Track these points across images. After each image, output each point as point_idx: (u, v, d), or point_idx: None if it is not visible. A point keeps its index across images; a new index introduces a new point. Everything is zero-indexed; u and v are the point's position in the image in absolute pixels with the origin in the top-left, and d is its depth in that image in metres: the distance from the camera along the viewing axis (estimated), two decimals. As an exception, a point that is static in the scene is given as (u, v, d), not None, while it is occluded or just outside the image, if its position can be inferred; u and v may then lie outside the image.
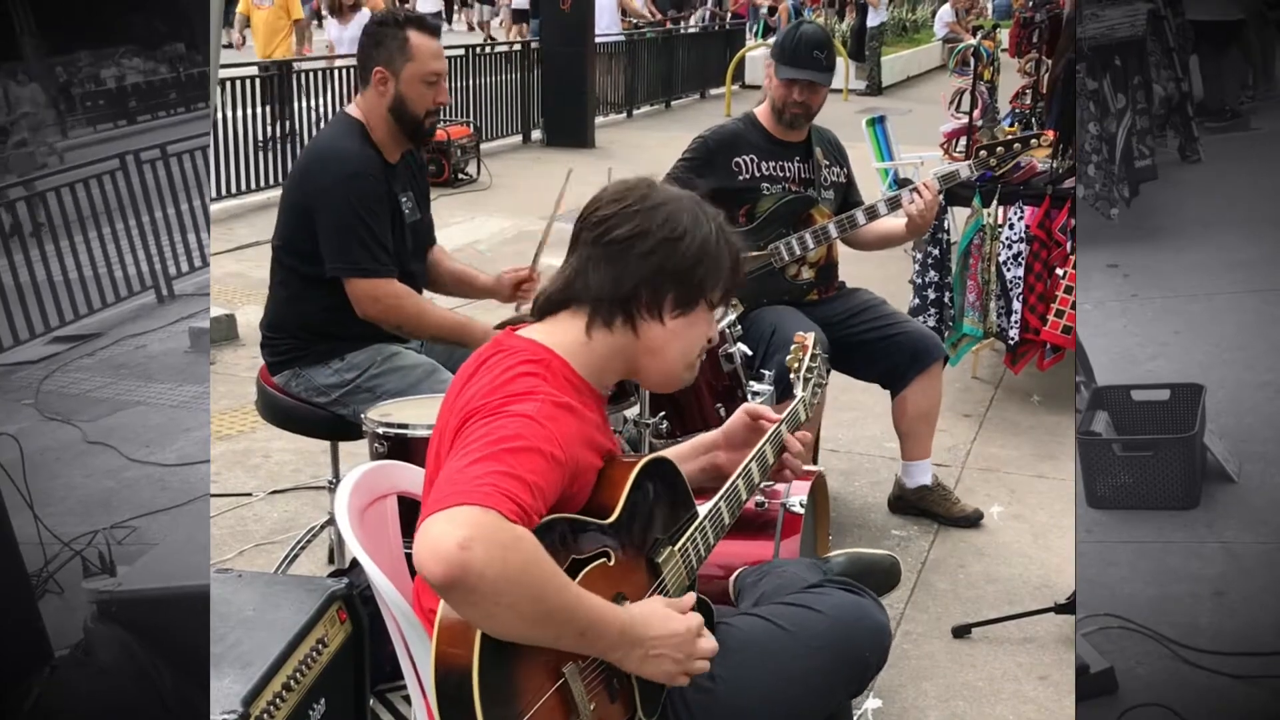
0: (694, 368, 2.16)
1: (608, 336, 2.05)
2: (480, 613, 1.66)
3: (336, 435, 3.48)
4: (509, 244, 8.40)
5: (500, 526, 1.65)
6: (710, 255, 2.07)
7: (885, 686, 3.24)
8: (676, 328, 2.07)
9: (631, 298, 2.04)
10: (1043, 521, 4.29)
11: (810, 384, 2.67)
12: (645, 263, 2.03)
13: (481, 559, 1.61)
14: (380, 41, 3.28)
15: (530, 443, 1.79)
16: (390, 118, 3.29)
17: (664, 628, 1.88)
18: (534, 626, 1.70)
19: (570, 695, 1.79)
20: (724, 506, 2.23)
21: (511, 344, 2.05)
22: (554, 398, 1.91)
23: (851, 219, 3.99)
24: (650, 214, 2.06)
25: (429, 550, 1.63)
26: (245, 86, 9.72)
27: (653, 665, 1.87)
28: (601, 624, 1.79)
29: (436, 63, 3.31)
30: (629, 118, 15.52)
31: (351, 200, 3.19)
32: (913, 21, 25.07)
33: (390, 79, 3.26)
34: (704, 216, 2.10)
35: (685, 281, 2.05)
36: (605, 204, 2.10)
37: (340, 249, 3.21)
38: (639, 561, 1.99)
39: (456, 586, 1.62)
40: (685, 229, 2.05)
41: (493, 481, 1.70)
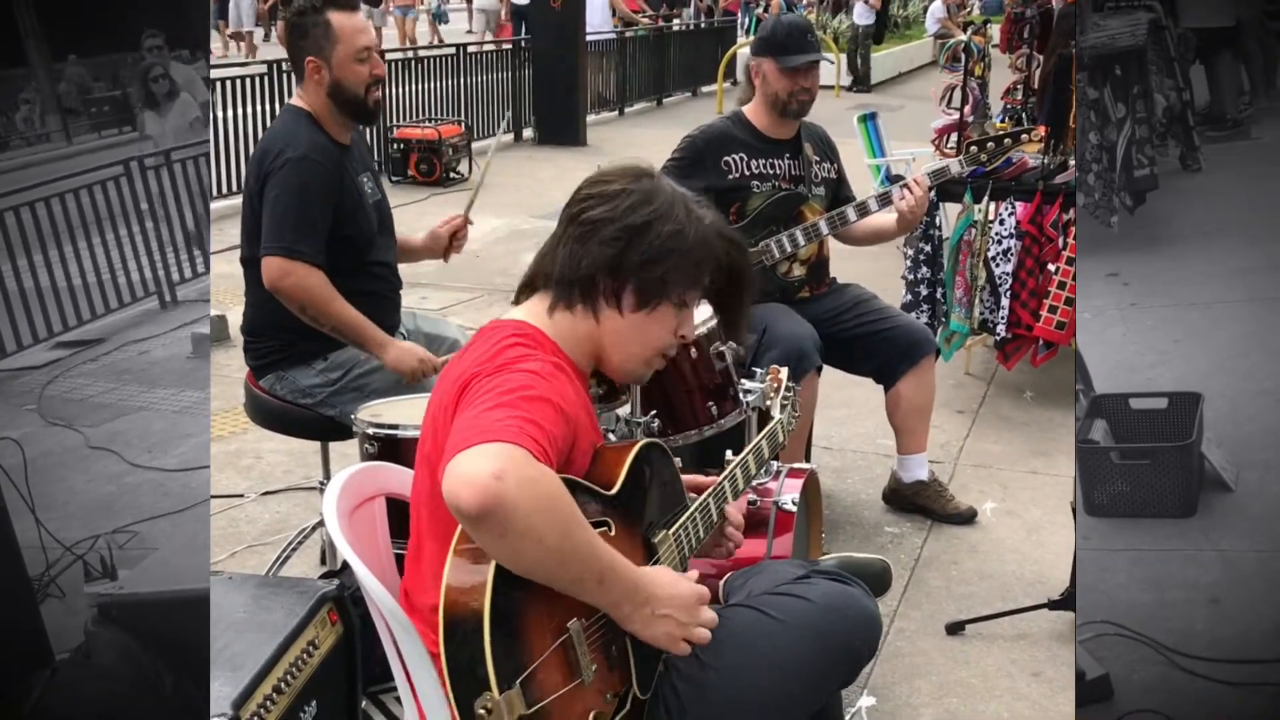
0: (652, 364, 2.14)
1: (569, 318, 2.07)
2: (508, 545, 1.68)
3: (326, 436, 3.46)
4: (500, 243, 8.39)
5: (530, 461, 1.68)
6: (679, 253, 2.04)
7: (879, 683, 3.24)
8: (636, 321, 2.06)
9: (590, 282, 2.04)
10: (1036, 518, 4.29)
11: (787, 409, 2.74)
12: (605, 249, 2.02)
13: (514, 489, 1.64)
14: (304, 32, 3.24)
15: (540, 392, 1.83)
16: (332, 103, 3.27)
17: (674, 589, 1.93)
18: (557, 564, 1.73)
19: (573, 651, 1.81)
20: (713, 503, 2.25)
21: (496, 323, 2.09)
22: (550, 360, 1.95)
23: (842, 215, 3.98)
24: (622, 200, 2.04)
25: (462, 481, 1.64)
26: (235, 87, 9.70)
27: (657, 625, 1.90)
28: (617, 571, 1.82)
29: (364, 37, 3.27)
30: (621, 115, 15.51)
31: (295, 183, 3.17)
32: (904, 18, 25.07)
33: (323, 66, 3.23)
34: (684, 213, 2.06)
35: (645, 276, 2.03)
36: (590, 184, 2.11)
37: (274, 228, 3.17)
38: (636, 539, 2.01)
39: (490, 515, 1.64)
40: (651, 221, 2.02)
41: (515, 422, 1.73)
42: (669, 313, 2.08)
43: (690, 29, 19.17)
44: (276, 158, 3.21)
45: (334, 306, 3.22)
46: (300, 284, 3.18)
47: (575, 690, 1.81)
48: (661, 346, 2.12)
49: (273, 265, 3.17)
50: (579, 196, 2.10)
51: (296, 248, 3.17)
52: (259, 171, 3.24)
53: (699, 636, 1.95)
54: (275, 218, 3.18)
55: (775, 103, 3.99)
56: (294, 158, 3.19)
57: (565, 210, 2.11)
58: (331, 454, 3.60)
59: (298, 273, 3.17)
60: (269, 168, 3.21)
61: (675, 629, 1.92)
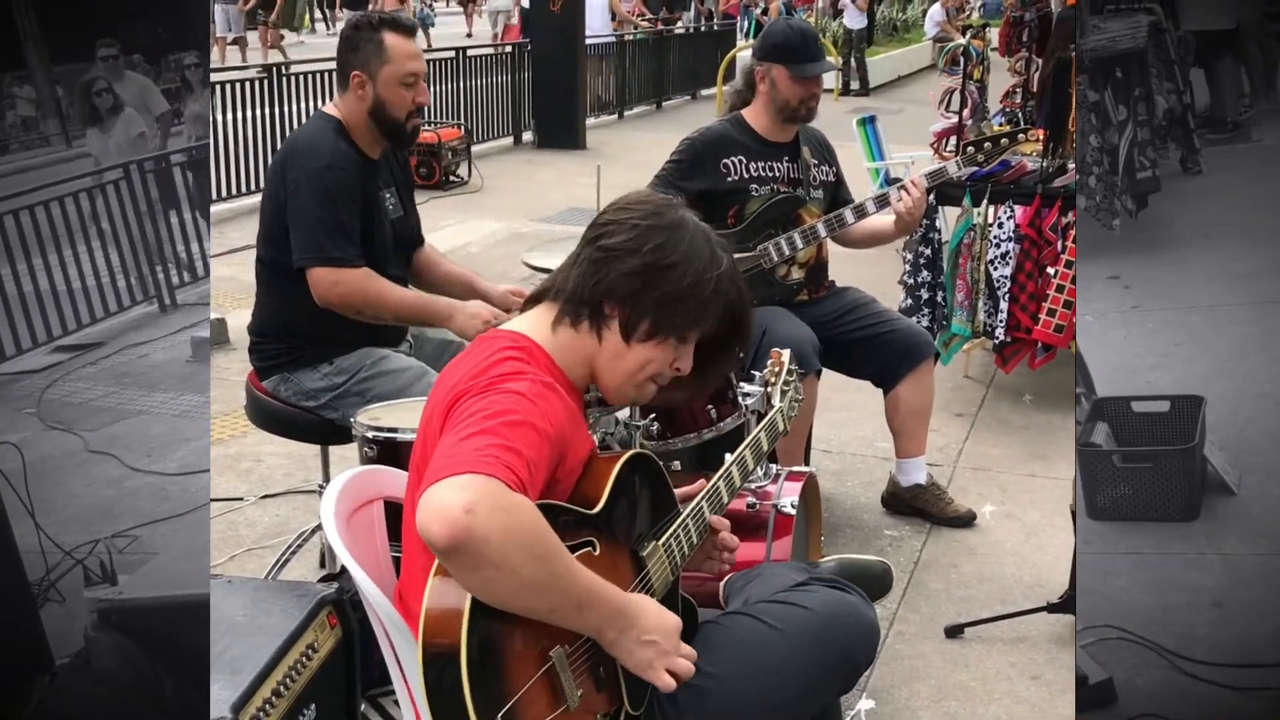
0: (644, 390, 2.13)
1: (571, 334, 2.07)
2: (482, 578, 1.67)
3: (327, 439, 3.46)
4: (500, 246, 8.39)
5: (502, 493, 1.67)
6: (695, 299, 2.04)
7: (878, 687, 3.24)
8: (638, 350, 2.06)
9: (600, 307, 2.04)
10: (1035, 521, 4.28)
11: (788, 396, 2.70)
12: (624, 281, 2.03)
13: (485, 523, 1.63)
14: (356, 46, 3.26)
15: (524, 417, 1.82)
16: (371, 121, 3.28)
17: (659, 617, 1.92)
18: (534, 594, 1.72)
19: (557, 679, 1.80)
20: (706, 506, 2.23)
21: (494, 333, 2.10)
22: (541, 378, 1.94)
23: (840, 218, 3.98)
24: (648, 234, 2.04)
25: (433, 514, 1.64)
26: (234, 90, 9.70)
27: (642, 652, 1.89)
28: (598, 598, 1.81)
29: (413, 63, 3.28)
30: (620, 119, 15.52)
31: (320, 191, 3.17)
32: (903, 21, 25.09)
33: (368, 82, 3.24)
34: (707, 259, 2.05)
35: (660, 314, 2.03)
36: (616, 208, 2.11)
37: (307, 239, 3.19)
38: (623, 554, 2.00)
39: (461, 550, 1.63)
40: (676, 264, 2.03)
41: (493, 453, 1.72)
42: (670, 345, 2.08)
43: (690, 32, 19.17)
44: (300, 167, 3.23)
45: (390, 298, 3.25)
46: (351, 289, 3.20)
47: (561, 716, 1.79)
48: (656, 375, 2.11)
49: (318, 278, 3.19)
50: (602, 220, 2.10)
51: (332, 254, 3.18)
52: (282, 178, 3.26)
53: (682, 668, 1.93)
54: (306, 229, 3.19)
55: (784, 109, 3.98)
56: (316, 167, 3.20)
57: (587, 230, 2.12)
58: (331, 457, 3.60)
59: (343, 279, 3.19)
60: (293, 177, 3.22)
61: (657, 657, 1.90)
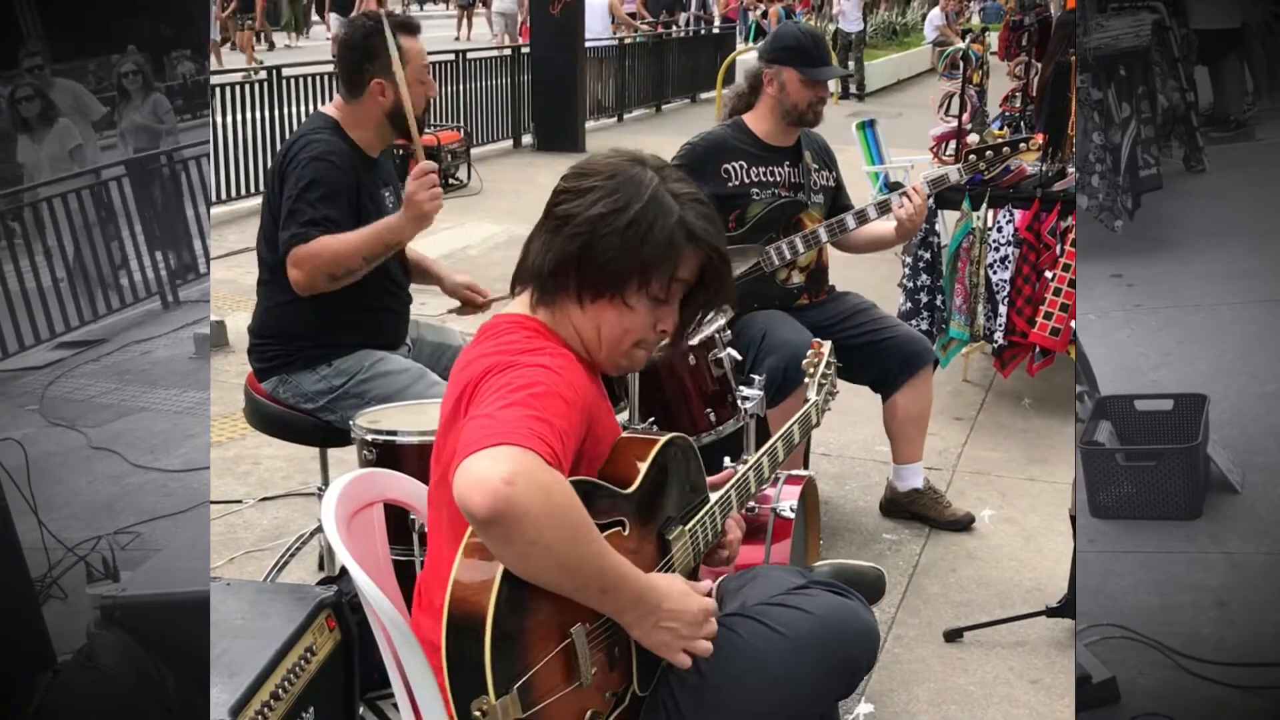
0: (634, 357, 2.07)
1: (550, 312, 2.05)
2: (517, 551, 1.67)
3: (326, 442, 3.46)
4: (499, 249, 8.38)
5: (541, 466, 1.67)
6: (644, 244, 1.96)
7: (877, 691, 3.24)
8: (606, 314, 2.00)
9: (557, 276, 2.00)
10: (1034, 525, 4.28)
11: (824, 390, 2.69)
12: (570, 243, 1.97)
13: (525, 495, 1.63)
14: (374, 54, 3.23)
15: (552, 388, 1.81)
16: (388, 123, 3.31)
17: (681, 602, 1.92)
18: (564, 572, 1.72)
19: (574, 656, 1.81)
20: (734, 495, 2.24)
21: (500, 318, 2.08)
22: (559, 349, 1.94)
23: (841, 223, 3.98)
24: (596, 191, 1.98)
25: (473, 485, 1.63)
26: (233, 92, 9.70)
27: (659, 635, 1.89)
28: (625, 581, 1.81)
29: (423, 59, 3.39)
30: (620, 122, 15.53)
31: (303, 177, 3.16)
32: (902, 25, 25.11)
33: (389, 88, 3.25)
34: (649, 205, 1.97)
35: (610, 270, 1.96)
36: (570, 175, 2.06)
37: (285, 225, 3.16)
38: (650, 536, 2.01)
39: (500, 520, 1.62)
40: (609, 214, 1.95)
41: (528, 424, 1.72)
42: (642, 305, 2.01)
43: (689, 35, 19.18)
44: (293, 159, 3.23)
45: (350, 244, 3.15)
46: (314, 263, 3.12)
47: (574, 692, 1.81)
48: (641, 340, 2.06)
49: (291, 274, 3.15)
50: (557, 188, 2.06)
51: (298, 232, 3.13)
52: (282, 178, 3.25)
53: (700, 649, 1.94)
54: (288, 212, 3.17)
55: (791, 111, 3.98)
56: (309, 157, 3.20)
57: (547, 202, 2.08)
58: (330, 460, 3.59)
59: (302, 258, 3.12)
60: (287, 169, 3.22)
61: (675, 639, 1.91)
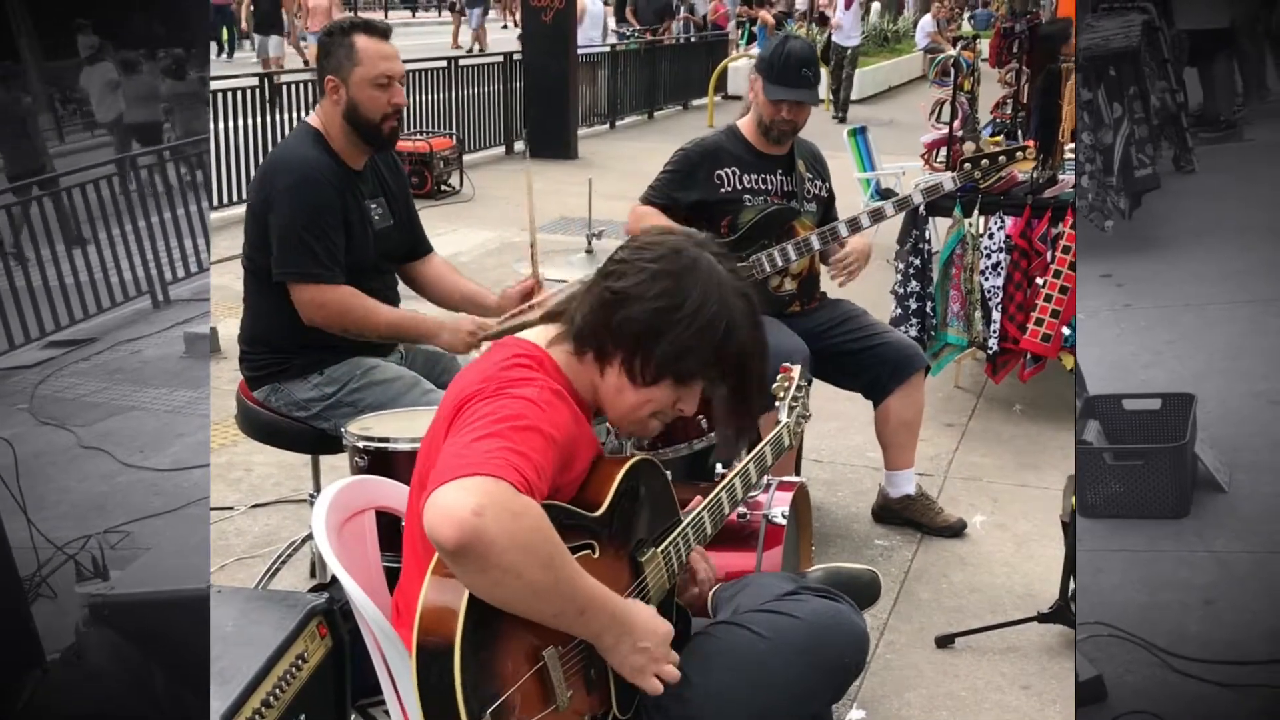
0: (647, 425, 2.11)
1: (577, 364, 2.07)
2: (488, 580, 1.67)
3: (317, 449, 3.46)
4: (492, 255, 8.38)
5: (512, 496, 1.68)
6: (702, 348, 1.99)
7: (868, 697, 3.24)
8: (641, 389, 2.04)
9: (606, 347, 2.03)
10: (1025, 530, 4.29)
11: (795, 412, 2.70)
12: (629, 326, 2.00)
13: (494, 525, 1.64)
14: (329, 51, 3.27)
15: (532, 422, 1.82)
16: (346, 125, 3.27)
17: (652, 624, 1.92)
18: (536, 599, 1.72)
19: (549, 680, 1.81)
20: (707, 516, 2.24)
21: (509, 340, 2.10)
22: (550, 385, 1.94)
23: (834, 230, 3.99)
24: (657, 279, 2.00)
25: (442, 516, 1.64)
26: (226, 99, 9.69)
27: (636, 658, 1.90)
28: (599, 604, 1.82)
29: (386, 64, 3.26)
30: (612, 129, 15.53)
31: (299, 205, 3.17)
32: (894, 32, 25.14)
33: (341, 86, 3.24)
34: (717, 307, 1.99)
35: (663, 361, 2.00)
36: (631, 246, 2.08)
37: (286, 254, 3.19)
38: (622, 559, 2.01)
39: (468, 552, 1.63)
40: (682, 319, 1.98)
41: (502, 456, 1.73)
42: (671, 386, 2.05)
43: (681, 43, 19.20)
44: (277, 177, 3.23)
45: (376, 318, 3.26)
46: (337, 309, 3.21)
47: (550, 715, 1.80)
48: (658, 412, 2.09)
49: (303, 298, 3.20)
50: (617, 257, 2.07)
51: (313, 271, 3.18)
52: (261, 192, 3.26)
53: (670, 674, 1.94)
54: (285, 243, 3.19)
55: (759, 122, 4.01)
56: (293, 181, 3.20)
57: (604, 264, 2.09)
58: (322, 466, 3.59)
59: (329, 300, 3.20)
60: (272, 186, 3.23)
61: (649, 663, 1.91)
